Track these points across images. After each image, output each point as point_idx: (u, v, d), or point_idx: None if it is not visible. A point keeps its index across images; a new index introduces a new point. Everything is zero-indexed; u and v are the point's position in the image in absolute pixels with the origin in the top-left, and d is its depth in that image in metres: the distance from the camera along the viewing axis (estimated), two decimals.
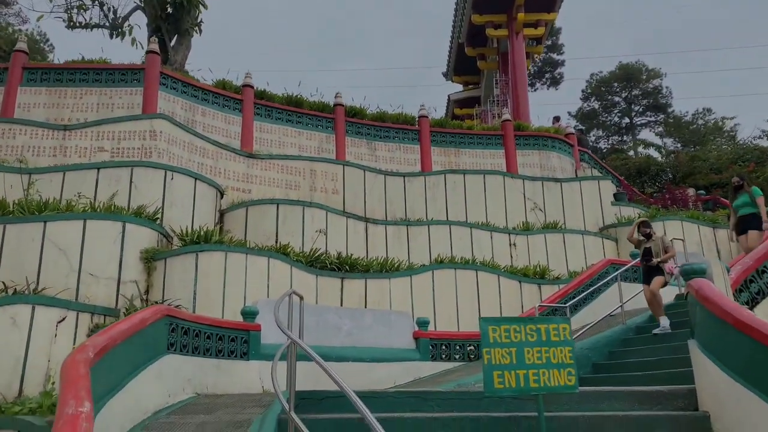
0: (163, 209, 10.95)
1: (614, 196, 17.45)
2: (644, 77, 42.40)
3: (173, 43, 16.56)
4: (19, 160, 11.63)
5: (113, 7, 16.71)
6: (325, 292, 11.07)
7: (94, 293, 8.89)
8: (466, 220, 15.19)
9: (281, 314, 5.21)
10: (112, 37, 16.40)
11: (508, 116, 18.08)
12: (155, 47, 14.08)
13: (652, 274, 9.13)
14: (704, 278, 6.02)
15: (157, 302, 9.13)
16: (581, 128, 34.90)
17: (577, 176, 17.94)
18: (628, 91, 42.84)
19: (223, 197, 13.06)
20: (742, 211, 11.05)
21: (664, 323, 8.82)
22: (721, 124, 40.69)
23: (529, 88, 27.52)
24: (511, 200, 16.04)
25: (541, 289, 12.76)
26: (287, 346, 5.23)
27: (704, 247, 15.25)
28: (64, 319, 7.76)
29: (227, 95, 15.21)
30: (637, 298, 10.43)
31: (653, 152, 37.65)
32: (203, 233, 10.16)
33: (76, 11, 16.38)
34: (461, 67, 30.95)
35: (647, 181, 27.63)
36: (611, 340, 9.75)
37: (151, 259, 9.68)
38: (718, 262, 7.76)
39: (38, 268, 8.79)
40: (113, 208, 9.85)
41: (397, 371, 9.48)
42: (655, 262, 9.04)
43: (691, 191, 20.55)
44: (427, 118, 17.43)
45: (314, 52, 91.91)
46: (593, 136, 42.97)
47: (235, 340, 7.93)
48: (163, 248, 10.16)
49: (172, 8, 16.22)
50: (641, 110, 43.43)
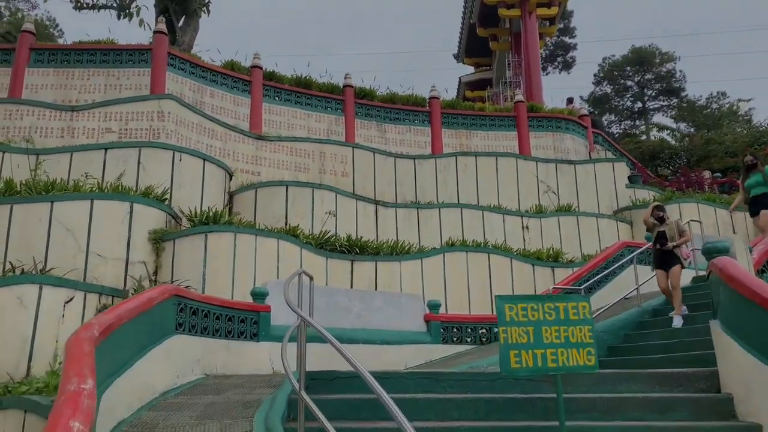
0: (171, 190, 10.83)
1: (629, 178, 17.15)
2: (657, 61, 41.75)
3: (181, 23, 16.37)
4: (25, 139, 11.53)
5: None
6: (334, 274, 10.94)
7: (102, 274, 8.81)
8: (477, 202, 14.98)
9: (291, 293, 5.08)
10: (119, 17, 16.24)
11: (521, 97, 17.78)
12: (163, 27, 13.89)
13: (666, 259, 8.88)
14: (727, 257, 5.82)
15: (165, 283, 9.03)
16: (593, 112, 34.44)
17: (591, 158, 17.64)
18: (640, 75, 42.20)
19: (232, 179, 12.93)
20: (754, 191, 10.78)
21: (676, 322, 8.55)
22: (735, 107, 40.06)
23: (540, 71, 27.10)
24: (523, 183, 15.80)
25: (554, 272, 12.57)
26: (297, 325, 5.10)
27: (720, 229, 14.98)
28: (71, 299, 7.67)
29: (236, 76, 15.02)
30: (652, 281, 10.20)
31: (667, 136, 37.13)
32: (212, 214, 10.05)
33: None
34: (473, 48, 30.57)
35: (661, 164, 27.27)
36: (627, 322, 9.62)
37: (159, 239, 9.58)
38: (740, 240, 7.53)
39: (46, 248, 8.72)
40: (121, 188, 9.74)
41: (407, 354, 9.40)
42: (670, 246, 8.78)
43: (706, 174, 20.20)
44: (438, 99, 17.15)
45: (322, 35, 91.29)
46: (605, 120, 42.39)
47: (244, 321, 7.85)
48: (171, 229, 10.06)
49: None
50: (654, 94, 42.83)
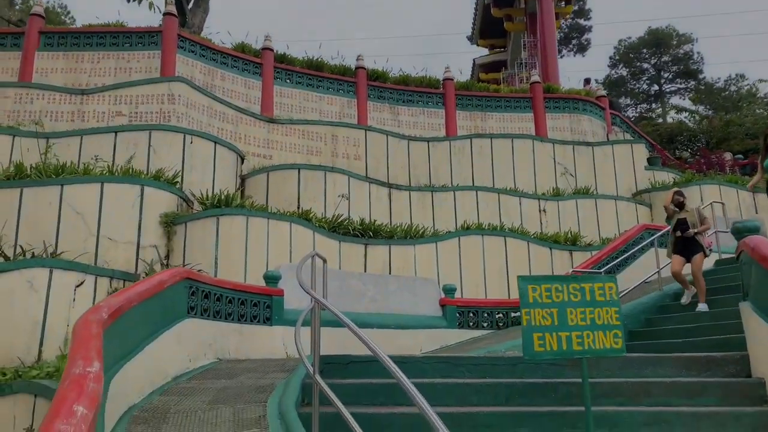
0: (182, 173, 10.70)
1: (648, 160, 16.80)
2: (675, 42, 40.84)
3: (191, 5, 16.16)
4: (35, 122, 11.42)
5: None
6: (348, 258, 10.79)
7: (113, 258, 8.71)
8: (493, 185, 14.74)
9: (304, 276, 4.92)
10: (129, 0, 16.03)
11: (537, 78, 17.40)
12: (172, 9, 13.68)
13: (688, 246, 8.59)
14: (759, 236, 5.56)
15: (177, 267, 8.91)
16: (610, 95, 33.86)
17: (609, 140, 17.27)
18: (657, 57, 41.30)
19: (243, 162, 12.78)
20: None
21: (701, 306, 8.40)
22: (755, 89, 39.20)
23: (557, 51, 26.61)
24: (540, 165, 15.50)
25: (572, 255, 12.34)
26: (311, 308, 4.94)
27: (743, 211, 14.64)
28: (82, 283, 7.58)
29: (247, 59, 14.81)
30: None
31: (685, 118, 36.44)
32: (224, 197, 9.91)
33: None
34: (487, 29, 30.05)
35: (679, 147, 26.81)
36: (648, 306, 9.46)
37: (170, 223, 9.46)
38: None
39: (56, 231, 8.63)
40: (131, 171, 9.61)
41: (422, 338, 9.27)
42: (692, 232, 8.50)
43: (727, 156, 19.74)
44: (452, 80, 16.83)
45: (333, 19, 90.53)
46: (621, 104, 41.74)
47: (257, 304, 7.74)
48: (183, 212, 9.94)
49: None
50: (671, 77, 41.93)
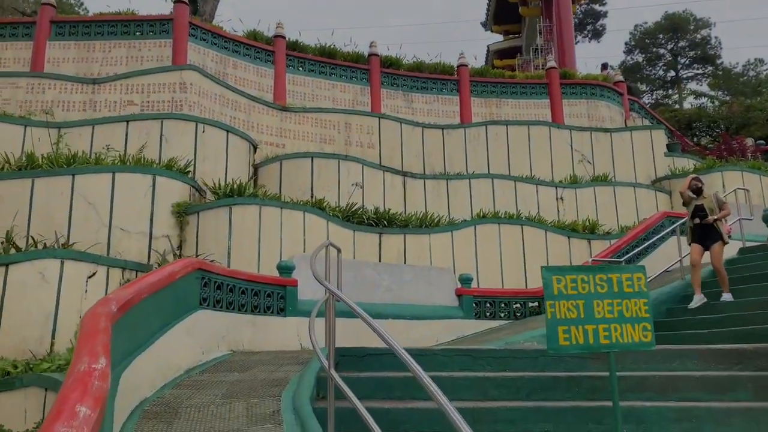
0: (195, 162, 10.57)
1: (667, 146, 16.44)
2: (692, 27, 40.06)
3: None
4: (45, 111, 11.34)
5: None
6: (362, 247, 10.63)
7: (125, 248, 8.62)
8: (509, 173, 14.48)
9: (318, 266, 4.78)
10: None
11: (553, 63, 17.06)
12: None
13: (707, 233, 8.31)
14: None
15: (190, 257, 8.80)
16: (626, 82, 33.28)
17: (627, 126, 16.91)
18: (674, 42, 40.55)
19: (256, 151, 12.64)
20: None
21: (726, 296, 8.19)
22: None
23: (573, 36, 26.14)
24: (557, 152, 15.20)
25: (591, 244, 12.08)
26: (325, 299, 4.80)
27: (766, 198, 14.26)
28: (94, 274, 7.49)
29: (259, 47, 14.63)
30: None
31: (704, 103, 35.78)
32: (236, 186, 9.78)
33: None
34: (501, 15, 29.58)
35: (697, 133, 26.31)
36: (669, 296, 9.28)
37: (183, 213, 9.34)
38: None
39: (68, 222, 8.54)
40: (143, 161, 9.50)
41: (438, 329, 9.13)
42: (711, 219, 8.21)
43: (749, 141, 19.27)
44: (466, 67, 16.55)
45: (344, 7, 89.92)
46: (639, 89, 41.06)
47: (271, 295, 7.61)
48: (195, 202, 9.82)
49: None
50: (688, 62, 41.18)
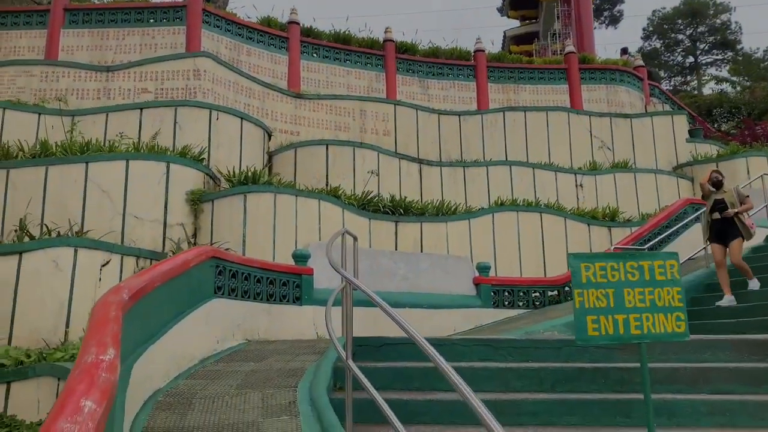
0: (209, 150, 10.47)
1: (689, 132, 16.04)
2: (711, 12, 39.28)
3: None
4: (58, 98, 11.28)
5: None
6: (378, 236, 10.48)
7: (139, 236, 8.54)
8: (527, 160, 14.23)
9: (334, 254, 4.63)
10: None
11: (571, 48, 16.71)
12: None
13: (726, 229, 7.98)
14: None
15: (204, 245, 8.70)
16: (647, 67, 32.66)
17: (647, 112, 16.54)
18: (693, 28, 39.79)
19: (270, 139, 12.50)
20: None
21: (753, 284, 7.95)
22: None
23: (592, 20, 25.64)
24: (576, 138, 14.91)
25: (611, 232, 11.83)
26: (342, 288, 4.65)
27: None
28: (108, 262, 7.41)
29: (273, 33, 14.47)
30: None
31: (725, 89, 35.05)
32: (251, 174, 9.65)
33: None
34: (518, 0, 29.10)
35: (718, 119, 25.74)
36: (694, 285, 9.06)
37: (197, 200, 9.24)
38: None
39: (82, 210, 8.48)
40: (156, 148, 9.40)
41: (456, 318, 8.97)
42: (731, 212, 7.88)
43: None
44: (483, 52, 16.26)
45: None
46: (660, 74, 40.34)
47: (286, 284, 7.49)
48: (210, 190, 9.72)
49: None
50: (707, 48, 40.36)
